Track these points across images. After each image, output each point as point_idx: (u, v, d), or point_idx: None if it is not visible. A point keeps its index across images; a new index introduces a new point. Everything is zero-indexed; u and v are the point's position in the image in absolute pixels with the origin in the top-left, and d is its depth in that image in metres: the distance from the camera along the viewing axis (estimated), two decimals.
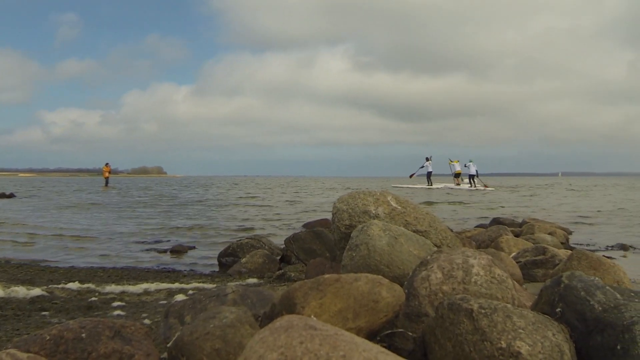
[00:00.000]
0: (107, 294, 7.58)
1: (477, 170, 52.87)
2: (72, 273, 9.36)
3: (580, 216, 20.89)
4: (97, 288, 7.87)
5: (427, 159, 53.86)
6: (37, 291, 7.46)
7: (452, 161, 54.64)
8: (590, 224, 17.92)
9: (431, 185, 52.33)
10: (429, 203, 28.56)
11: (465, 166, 53.39)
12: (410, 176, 55.02)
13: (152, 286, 7.96)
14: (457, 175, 54.69)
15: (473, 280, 3.93)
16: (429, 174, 54.01)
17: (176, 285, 8.11)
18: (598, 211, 23.33)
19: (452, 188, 50.56)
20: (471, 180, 52.95)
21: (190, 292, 7.44)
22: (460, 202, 29.77)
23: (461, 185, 53.18)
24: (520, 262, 7.62)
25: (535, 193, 45.06)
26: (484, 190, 50.32)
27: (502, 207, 25.92)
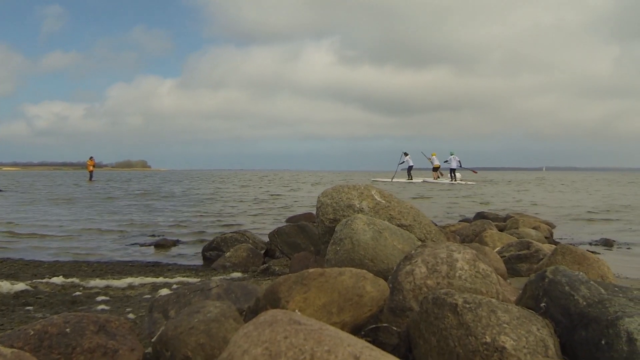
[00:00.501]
0: (92, 288, 7.55)
1: (459, 163, 53.37)
2: (56, 267, 9.31)
3: (565, 211, 20.96)
4: (82, 282, 7.84)
5: (405, 154, 54.34)
6: (21, 286, 7.42)
7: (426, 155, 55.03)
8: (574, 219, 17.97)
9: (411, 179, 52.57)
10: (423, 197, 28.61)
11: (445, 161, 53.79)
12: (392, 179, 55.04)
13: (137, 280, 7.94)
14: (435, 169, 54.99)
15: (457, 274, 3.93)
16: (409, 168, 54.40)
17: (160, 279, 8.08)
18: (581, 207, 23.40)
19: (431, 182, 50.84)
20: (452, 173, 53.32)
21: (175, 286, 7.41)
22: (455, 197, 29.82)
23: (440, 179, 53.51)
24: (505, 256, 7.62)
25: (522, 188, 45.19)
26: (466, 182, 50.72)
27: (487, 202, 25.99)
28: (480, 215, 14.79)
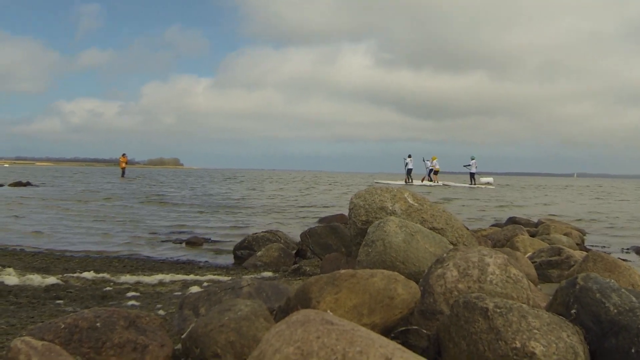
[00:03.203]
0: (122, 284, 7.60)
1: (476, 168, 54.52)
2: (87, 262, 9.37)
3: (597, 218, 20.81)
4: (112, 278, 7.89)
5: (409, 156, 55.01)
6: (52, 279, 7.48)
7: (425, 161, 55.96)
8: (606, 226, 17.82)
9: (411, 182, 52.82)
10: (447, 200, 28.53)
11: (466, 166, 54.82)
12: (413, 179, 55.37)
13: (167, 277, 7.98)
14: (435, 172, 55.63)
15: (489, 279, 3.94)
16: (409, 171, 54.90)
17: (191, 277, 8.11)
18: (615, 216, 23.21)
19: (430, 185, 51.16)
20: (472, 178, 54.43)
21: (205, 284, 7.43)
22: (475, 199, 29.72)
23: (437, 182, 54.41)
24: (536, 262, 7.60)
25: (549, 193, 44.89)
26: (485, 186, 51.20)
27: (519, 206, 25.90)
28: (512, 220, 14.73)
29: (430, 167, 55.51)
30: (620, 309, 3.39)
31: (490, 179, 60.32)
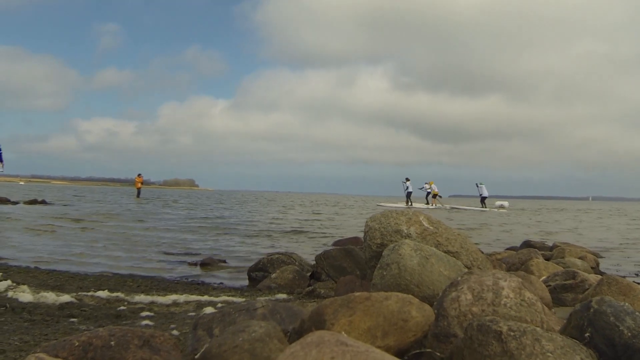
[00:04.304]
0: (136, 303, 7.63)
1: (487, 192, 56.13)
2: (101, 281, 9.41)
3: (611, 241, 20.73)
4: (126, 297, 7.92)
5: (407, 179, 56.72)
6: (66, 297, 7.51)
7: (425, 187, 57.91)
8: (621, 250, 17.74)
9: (411, 204, 53.31)
10: (463, 224, 28.48)
11: (477, 186, 56.23)
12: (411, 203, 56.08)
13: (181, 298, 7.99)
14: (434, 196, 57.45)
15: (503, 302, 3.94)
16: (409, 194, 56.48)
17: (205, 297, 8.12)
18: (627, 238, 23.10)
19: (428, 208, 51.68)
20: (483, 202, 55.81)
21: (219, 305, 7.44)
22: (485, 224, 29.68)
23: (435, 205, 55.85)
24: (550, 285, 7.59)
25: (560, 218, 44.72)
26: (498, 210, 51.69)
27: (537, 232, 25.77)
28: (527, 244, 14.69)
29: (429, 191, 57.35)
30: (634, 332, 3.40)
31: (505, 203, 60.56)
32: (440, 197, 58.26)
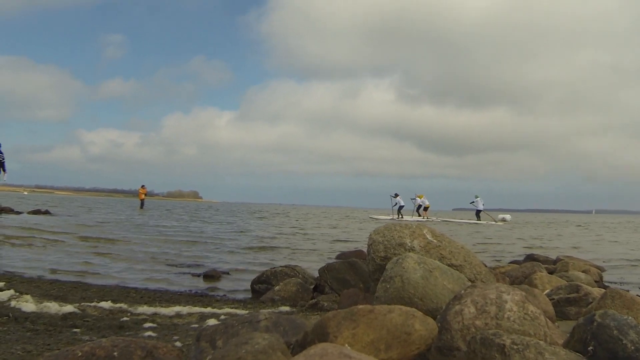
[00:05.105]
0: (139, 314, 7.63)
1: (483, 205, 56.32)
2: (104, 292, 9.40)
3: (615, 255, 20.68)
4: (129, 308, 7.92)
5: (397, 195, 56.84)
6: (69, 308, 7.51)
7: (415, 199, 58.27)
8: (624, 265, 17.69)
9: (402, 217, 53.64)
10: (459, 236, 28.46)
11: (472, 203, 56.77)
12: (397, 215, 56.48)
13: (185, 309, 7.99)
14: (425, 208, 58.13)
15: (506, 316, 3.95)
16: (400, 208, 56.69)
17: (208, 309, 8.12)
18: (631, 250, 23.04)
19: (419, 221, 51.79)
20: (478, 215, 55.86)
21: (223, 317, 7.44)
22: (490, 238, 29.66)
23: (426, 218, 56.20)
24: (554, 299, 7.58)
25: (562, 232, 44.65)
26: (494, 223, 51.64)
27: (541, 245, 25.71)
28: (530, 258, 14.70)
29: (419, 204, 57.76)
30: (638, 345, 3.40)
31: (507, 216, 60.55)
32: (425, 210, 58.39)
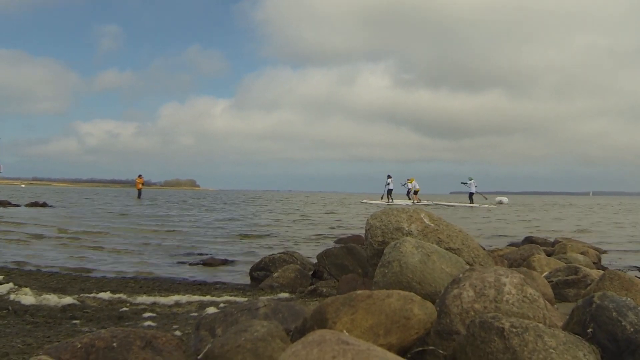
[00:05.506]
0: (138, 304, 7.63)
1: (476, 187, 56.34)
2: (103, 283, 9.41)
3: (612, 236, 20.69)
4: (129, 298, 7.91)
5: (389, 177, 57.07)
6: (68, 300, 7.51)
7: (406, 184, 58.73)
8: (622, 248, 17.65)
9: (392, 201, 53.79)
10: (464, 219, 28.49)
11: (465, 184, 56.92)
12: (382, 197, 56.74)
13: (184, 298, 7.98)
14: (415, 192, 57.84)
15: (505, 299, 3.94)
16: (390, 191, 56.99)
17: (207, 298, 8.11)
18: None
19: (408, 205, 51.92)
20: (471, 198, 56.13)
21: (222, 305, 7.43)
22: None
23: (417, 201, 55.79)
24: (552, 281, 7.58)
25: (563, 213, 44.70)
26: (487, 206, 51.67)
27: (537, 226, 25.73)
28: (529, 240, 14.71)
29: (409, 187, 58.02)
30: (637, 327, 3.39)
31: (504, 199, 60.64)
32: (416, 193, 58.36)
